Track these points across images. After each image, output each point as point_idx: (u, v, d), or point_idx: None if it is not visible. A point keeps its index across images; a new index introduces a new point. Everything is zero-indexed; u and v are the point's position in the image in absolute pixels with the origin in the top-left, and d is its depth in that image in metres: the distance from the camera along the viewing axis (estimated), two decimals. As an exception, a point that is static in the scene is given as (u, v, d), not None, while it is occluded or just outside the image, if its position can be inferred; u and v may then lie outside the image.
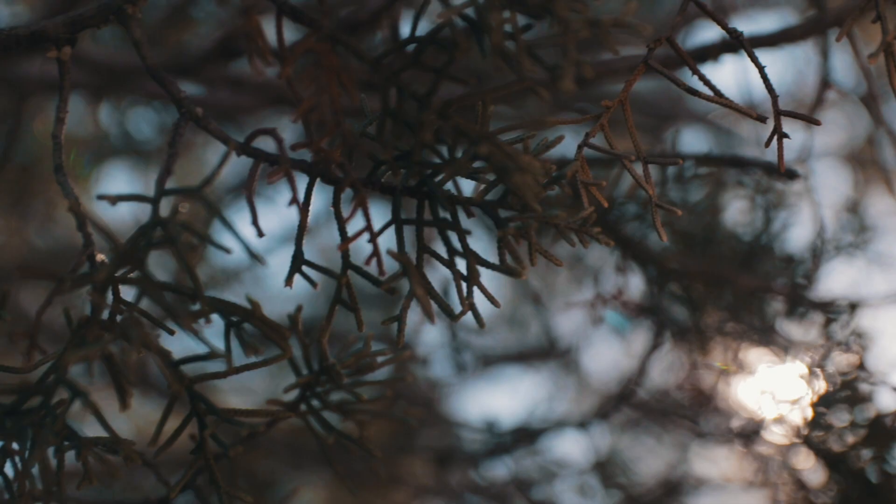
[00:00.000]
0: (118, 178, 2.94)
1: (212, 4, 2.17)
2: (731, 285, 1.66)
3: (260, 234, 1.10)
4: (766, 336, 1.82)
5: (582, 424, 1.84)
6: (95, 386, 1.17)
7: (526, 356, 3.19)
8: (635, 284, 1.77)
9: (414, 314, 3.68)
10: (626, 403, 1.80)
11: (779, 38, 1.51)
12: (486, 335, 3.60)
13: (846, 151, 4.00)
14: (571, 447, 2.02)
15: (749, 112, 1.23)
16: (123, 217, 3.01)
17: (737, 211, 1.96)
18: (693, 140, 3.65)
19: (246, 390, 3.56)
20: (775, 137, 1.21)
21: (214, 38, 1.80)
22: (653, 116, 3.53)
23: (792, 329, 1.80)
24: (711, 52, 1.56)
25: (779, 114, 1.21)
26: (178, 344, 1.22)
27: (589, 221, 1.18)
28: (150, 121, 2.61)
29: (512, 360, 3.38)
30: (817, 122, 1.22)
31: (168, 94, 1.15)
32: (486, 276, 1.21)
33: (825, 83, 1.60)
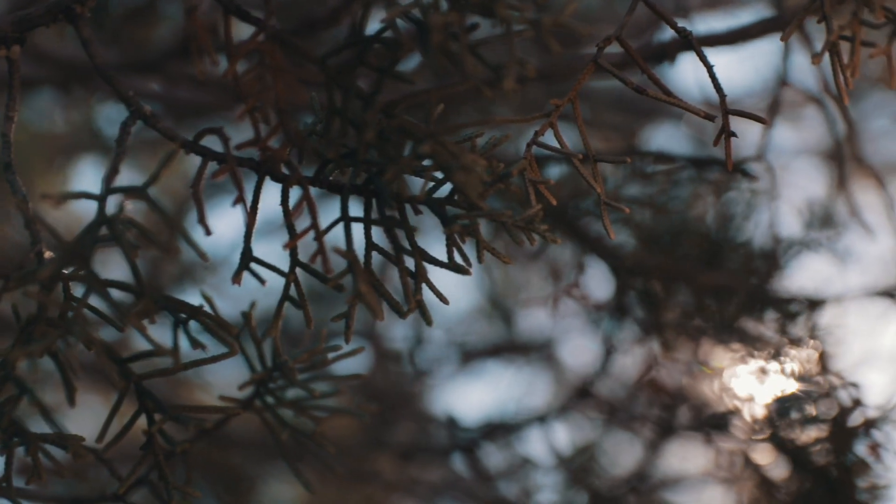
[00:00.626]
0: (90, 176, 2.95)
1: (177, 1, 2.18)
2: (691, 282, 1.66)
3: (207, 232, 1.10)
4: (728, 333, 1.83)
5: (541, 420, 1.85)
6: (81, 382, 1.17)
7: (503, 350, 3.20)
8: (599, 281, 1.79)
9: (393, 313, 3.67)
10: (586, 399, 1.81)
11: (735, 37, 1.51)
12: (467, 330, 3.61)
13: (826, 149, 4.02)
14: (543, 443, 2.03)
15: (697, 111, 1.24)
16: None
17: (701, 208, 1.97)
18: (672, 139, 3.66)
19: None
20: (724, 136, 1.22)
21: (177, 36, 1.81)
22: (632, 114, 3.54)
23: (754, 326, 1.81)
24: (669, 51, 1.57)
25: (727, 113, 1.22)
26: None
27: (536, 219, 1.19)
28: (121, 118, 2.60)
29: (491, 354, 3.40)
30: (765, 122, 1.23)
31: (116, 92, 1.16)
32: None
33: (782, 82, 1.61)
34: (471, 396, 3.22)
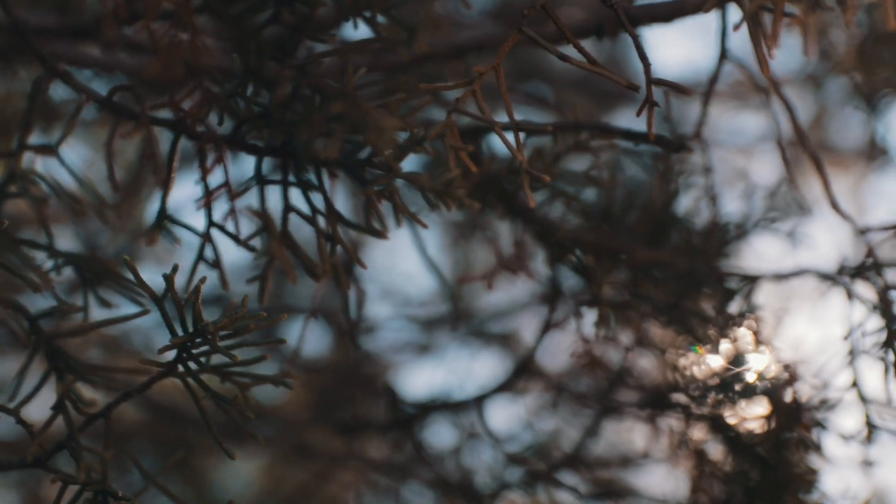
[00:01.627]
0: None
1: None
2: (628, 258, 1.66)
3: (115, 188, 1.10)
4: (667, 310, 1.82)
5: (480, 399, 1.84)
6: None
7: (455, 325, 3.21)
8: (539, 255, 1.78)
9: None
10: (525, 377, 1.81)
11: (671, 12, 1.51)
12: (428, 307, 3.62)
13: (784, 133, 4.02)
14: (483, 420, 2.02)
15: (620, 80, 1.23)
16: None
17: (647, 185, 1.97)
18: (640, 121, 3.64)
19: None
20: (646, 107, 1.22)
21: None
22: (599, 97, 3.55)
23: (693, 304, 1.80)
24: (609, 25, 1.56)
25: (650, 83, 1.22)
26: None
27: (454, 184, 1.19)
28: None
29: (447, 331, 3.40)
30: (687, 92, 1.23)
31: (31, 50, 1.15)
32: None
33: (722, 55, 1.61)
34: (426, 376, 3.22)
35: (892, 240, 1.73)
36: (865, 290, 1.76)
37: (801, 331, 1.98)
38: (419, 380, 3.20)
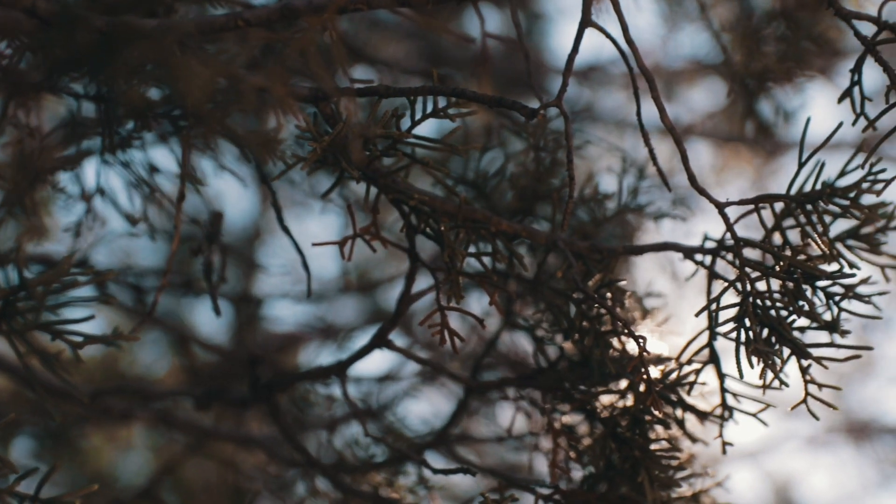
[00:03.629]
0: None
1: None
2: (488, 228, 1.63)
3: None
4: (525, 284, 1.80)
5: (339, 369, 1.80)
6: None
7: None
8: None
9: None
10: (384, 348, 1.77)
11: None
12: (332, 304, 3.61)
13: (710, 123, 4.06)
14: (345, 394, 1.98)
15: (454, 33, 1.21)
16: None
17: (515, 155, 1.95)
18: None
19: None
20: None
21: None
22: (501, 81, 3.54)
23: (551, 276, 1.79)
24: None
25: (485, 36, 1.19)
26: None
27: (274, 137, 1.15)
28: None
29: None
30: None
31: None
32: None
33: (584, 22, 1.58)
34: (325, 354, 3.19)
35: (759, 217, 1.72)
36: (725, 266, 1.75)
37: (665, 308, 1.97)
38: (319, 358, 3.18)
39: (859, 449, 4.69)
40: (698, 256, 1.75)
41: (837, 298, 1.65)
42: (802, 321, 1.64)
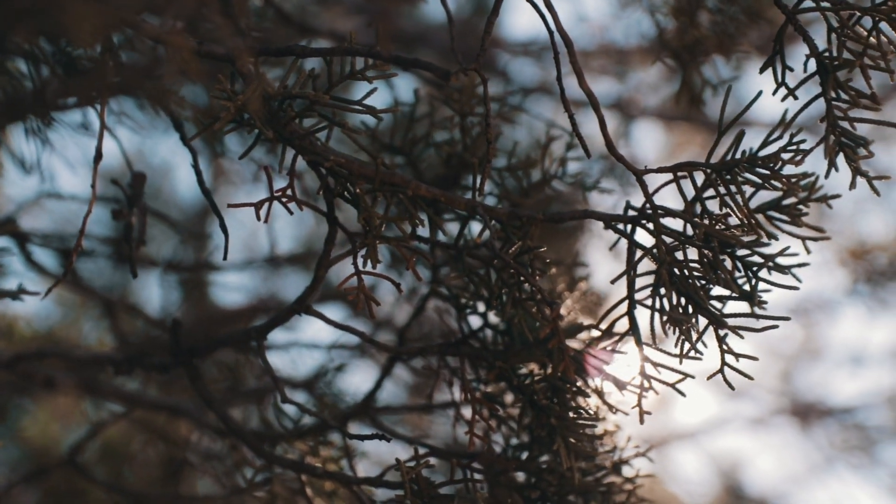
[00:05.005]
0: None
1: None
2: (404, 192, 1.61)
3: None
4: (450, 250, 1.79)
5: (258, 334, 1.78)
6: None
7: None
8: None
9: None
10: (300, 314, 1.75)
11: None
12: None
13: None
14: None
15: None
16: None
17: (442, 121, 1.93)
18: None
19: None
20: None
21: None
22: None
23: (467, 243, 1.78)
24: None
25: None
26: None
27: (170, 93, 1.13)
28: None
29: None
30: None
31: None
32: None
33: None
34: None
35: (678, 186, 1.71)
36: (644, 234, 1.74)
37: (587, 276, 1.96)
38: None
39: (805, 431, 4.72)
40: (620, 226, 1.74)
41: (755, 269, 1.65)
42: (723, 292, 1.63)
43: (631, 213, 1.72)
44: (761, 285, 1.66)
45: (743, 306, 1.66)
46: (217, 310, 3.98)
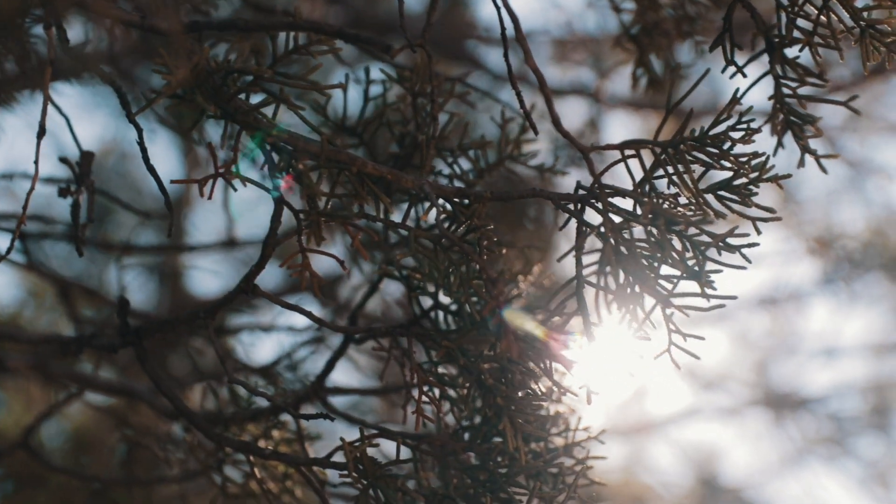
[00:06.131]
0: None
1: None
2: (349, 168, 1.60)
3: None
4: (389, 225, 1.76)
5: (207, 313, 1.76)
6: None
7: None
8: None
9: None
10: (246, 294, 1.73)
11: None
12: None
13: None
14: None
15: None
16: None
17: (394, 102, 1.91)
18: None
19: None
20: None
21: None
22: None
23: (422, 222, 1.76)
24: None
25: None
26: None
27: (91, 57, 1.11)
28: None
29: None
30: None
31: None
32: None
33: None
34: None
35: (625, 165, 1.69)
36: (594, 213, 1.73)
37: (538, 256, 1.95)
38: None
39: (779, 423, 4.71)
40: (570, 206, 1.72)
41: (703, 248, 1.63)
42: (674, 272, 1.62)
43: (581, 192, 1.70)
44: (713, 266, 1.65)
45: (692, 286, 1.64)
46: (192, 298, 3.96)
